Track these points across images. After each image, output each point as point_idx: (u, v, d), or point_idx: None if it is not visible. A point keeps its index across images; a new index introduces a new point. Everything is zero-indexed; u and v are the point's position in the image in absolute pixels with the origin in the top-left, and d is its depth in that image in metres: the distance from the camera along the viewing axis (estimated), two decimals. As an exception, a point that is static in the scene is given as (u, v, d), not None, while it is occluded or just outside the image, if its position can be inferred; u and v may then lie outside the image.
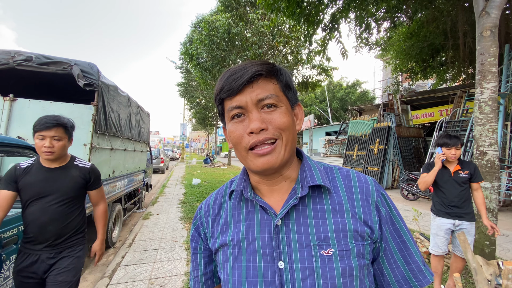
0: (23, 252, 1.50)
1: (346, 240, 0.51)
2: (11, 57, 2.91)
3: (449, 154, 2.35)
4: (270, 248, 0.52)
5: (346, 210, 0.53)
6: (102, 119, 3.21)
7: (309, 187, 0.54)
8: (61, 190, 1.56)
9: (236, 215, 0.58)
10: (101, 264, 3.51)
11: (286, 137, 0.51)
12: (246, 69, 0.51)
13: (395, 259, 0.55)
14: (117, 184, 4.14)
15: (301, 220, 0.52)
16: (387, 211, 0.55)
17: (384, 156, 9.66)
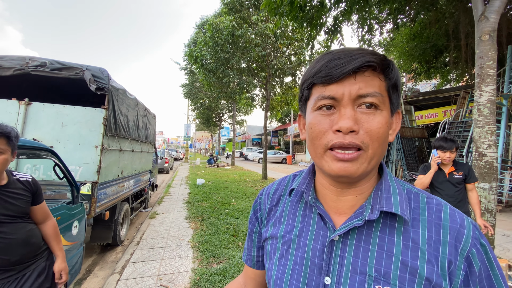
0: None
1: (412, 285, 0.42)
2: (26, 63, 3.05)
3: (443, 157, 2.43)
4: (320, 260, 0.49)
5: (421, 251, 0.44)
6: (112, 122, 3.35)
7: (381, 212, 0.46)
8: (15, 211, 1.33)
9: (292, 213, 0.56)
10: (110, 261, 3.65)
11: (374, 149, 0.44)
12: (354, 56, 0.43)
13: None
14: (125, 184, 4.28)
15: (362, 244, 0.46)
16: (484, 269, 0.44)
17: (387, 156, 9.68)
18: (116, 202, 3.86)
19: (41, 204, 1.49)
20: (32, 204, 1.43)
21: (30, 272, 1.36)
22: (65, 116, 3.05)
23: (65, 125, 3.04)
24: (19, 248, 1.31)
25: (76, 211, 2.43)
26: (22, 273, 1.33)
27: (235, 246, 3.69)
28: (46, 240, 1.49)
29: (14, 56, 3.08)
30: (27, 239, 1.36)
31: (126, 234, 4.47)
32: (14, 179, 1.39)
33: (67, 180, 2.33)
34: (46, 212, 1.53)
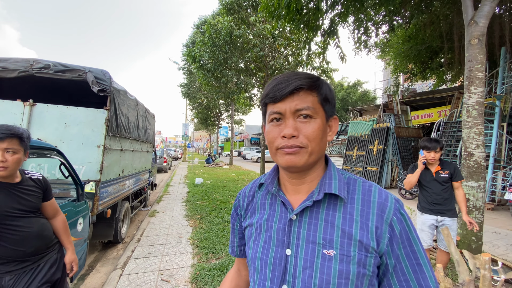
0: (15, 272, 1.35)
1: (350, 247, 0.56)
2: (30, 65, 3.14)
3: (428, 156, 2.56)
4: (282, 236, 0.61)
5: (355, 221, 0.57)
6: (113, 122, 3.44)
7: (325, 194, 0.60)
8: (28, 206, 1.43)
9: (263, 204, 0.69)
10: (112, 258, 3.75)
11: (312, 147, 0.58)
12: (291, 81, 0.57)
13: (407, 279, 0.55)
14: (125, 183, 4.37)
15: (313, 220, 0.60)
16: (404, 231, 0.56)
17: (383, 156, 9.83)
18: (117, 200, 3.95)
19: (51, 200, 1.60)
20: (43, 200, 1.54)
21: (43, 263, 1.46)
22: (68, 117, 3.14)
23: (68, 126, 3.13)
24: (33, 240, 1.42)
25: (81, 209, 2.53)
26: (36, 264, 1.43)
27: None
28: (57, 233, 1.60)
29: (18, 58, 3.16)
30: (40, 232, 1.46)
31: (126, 232, 4.56)
32: (26, 177, 1.49)
33: (72, 178, 2.43)
34: (56, 208, 1.63)
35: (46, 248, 1.49)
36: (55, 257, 1.54)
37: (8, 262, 1.35)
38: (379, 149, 10.00)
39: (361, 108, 16.47)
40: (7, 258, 1.35)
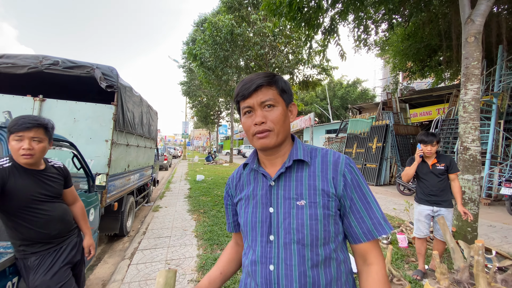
0: (41, 253, 1.45)
1: (315, 196, 0.73)
2: (39, 61, 3.22)
3: (425, 150, 2.66)
4: (265, 199, 0.77)
5: (317, 176, 0.75)
6: (120, 118, 3.53)
7: (294, 160, 0.77)
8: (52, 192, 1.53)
9: (248, 180, 0.85)
10: (118, 250, 3.85)
11: (278, 129, 0.74)
12: (254, 81, 0.73)
13: (361, 215, 0.72)
14: (131, 177, 4.47)
15: (287, 182, 0.76)
16: (354, 179, 0.74)
17: (382, 153, 9.95)
18: (123, 194, 4.05)
19: (71, 188, 1.71)
20: (64, 187, 1.64)
21: (65, 246, 1.56)
22: (77, 112, 3.23)
23: (77, 121, 3.22)
24: (57, 223, 1.52)
25: (92, 200, 2.63)
26: (59, 246, 1.53)
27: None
28: (76, 219, 1.70)
29: (28, 55, 3.24)
30: (63, 216, 1.56)
31: (131, 226, 4.66)
32: (49, 165, 1.59)
33: (84, 170, 2.53)
34: (75, 195, 1.74)
35: (67, 231, 1.59)
36: (75, 241, 1.64)
37: (34, 244, 1.45)
38: (378, 146, 10.12)
39: (360, 106, 16.57)
40: (33, 240, 1.45)
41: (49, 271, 1.44)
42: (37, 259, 1.45)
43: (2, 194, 1.32)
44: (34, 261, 1.44)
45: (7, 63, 3.16)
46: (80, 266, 1.67)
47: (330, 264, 0.72)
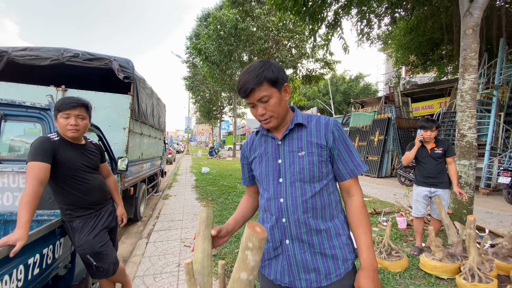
0: (84, 217, 1.66)
1: (312, 148, 0.97)
2: (61, 54, 3.43)
3: (425, 135, 2.86)
4: (275, 154, 1.01)
5: (313, 134, 0.99)
6: (136, 107, 3.75)
7: (295, 124, 1.01)
8: (92, 164, 1.75)
9: (259, 143, 1.08)
10: (134, 232, 4.10)
11: (277, 113, 0.96)
12: (246, 85, 0.91)
13: (346, 160, 0.97)
14: (144, 166, 4.71)
15: (290, 141, 1.00)
16: (340, 134, 0.98)
17: (383, 146, 10.12)
18: (137, 181, 4.29)
19: (105, 163, 1.94)
20: (100, 162, 1.86)
21: (103, 213, 1.79)
22: (96, 102, 3.43)
23: (96, 110, 3.42)
24: (97, 192, 1.74)
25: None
26: (98, 212, 1.76)
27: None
28: (110, 191, 1.93)
29: (50, 47, 3.45)
30: (101, 186, 1.79)
31: (144, 212, 4.92)
32: (88, 141, 1.82)
33: (108, 153, 2.75)
34: (109, 170, 1.97)
35: (104, 200, 1.82)
36: (110, 209, 1.87)
37: (78, 209, 1.68)
38: (380, 139, 10.29)
39: (362, 100, 16.67)
40: (77, 205, 1.68)
41: (91, 232, 1.68)
42: (81, 222, 1.68)
43: (54, 163, 1.54)
44: (78, 224, 1.67)
45: (31, 55, 3.37)
46: (115, 232, 1.90)
47: (323, 194, 0.97)
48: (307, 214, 0.94)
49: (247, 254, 0.65)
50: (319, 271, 0.93)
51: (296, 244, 0.95)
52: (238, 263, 0.67)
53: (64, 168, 1.60)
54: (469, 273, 2.20)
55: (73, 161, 1.63)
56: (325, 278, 0.93)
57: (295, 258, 0.95)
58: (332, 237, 0.95)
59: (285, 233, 0.96)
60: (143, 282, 2.39)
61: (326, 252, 0.94)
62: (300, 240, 0.94)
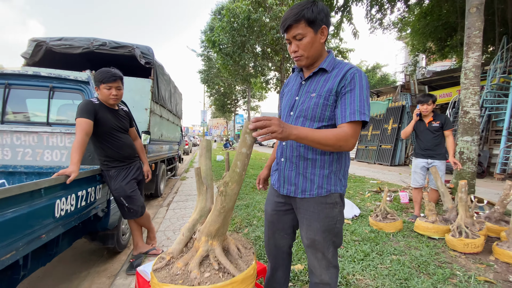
0: (118, 168, 2.03)
1: (322, 91, 1.08)
2: (91, 43, 3.86)
3: (422, 108, 3.02)
4: (295, 92, 1.18)
5: (330, 79, 1.08)
6: (155, 91, 4.14)
7: (319, 68, 1.11)
8: (124, 126, 2.13)
9: (291, 80, 1.28)
10: (154, 205, 4.55)
11: (307, 54, 1.07)
12: (285, 22, 1.03)
13: (345, 105, 1.02)
14: (163, 147, 5.14)
15: (311, 83, 1.14)
16: (353, 81, 1.03)
17: (397, 134, 10.05)
18: (157, 159, 4.71)
19: (133, 128, 2.31)
20: (129, 126, 2.23)
21: (132, 166, 2.16)
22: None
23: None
24: (127, 148, 2.11)
25: (139, 152, 3.25)
26: (129, 165, 2.13)
27: (255, 193, 4.47)
28: (137, 151, 2.30)
29: (82, 37, 3.89)
30: (131, 144, 2.16)
31: (163, 190, 5.37)
32: (120, 108, 2.19)
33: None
34: (136, 134, 2.35)
35: (133, 156, 2.19)
36: (138, 165, 2.24)
37: (113, 161, 2.06)
38: (393, 127, 10.21)
39: (378, 90, 16.37)
40: (112, 157, 2.05)
41: (124, 180, 2.05)
42: (115, 172, 2.06)
43: (95, 121, 1.91)
44: (113, 173, 2.05)
45: (66, 44, 3.82)
46: (141, 184, 2.28)
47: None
48: (300, 143, 1.12)
49: (246, 137, 0.94)
50: (297, 186, 1.20)
51: (288, 163, 1.20)
52: (240, 143, 0.97)
53: (102, 126, 1.97)
54: (457, 230, 2.39)
55: (109, 121, 2.00)
56: (301, 193, 1.19)
57: (284, 173, 1.23)
58: (316, 167, 1.15)
59: (283, 153, 1.23)
60: (165, 234, 2.79)
61: (307, 176, 1.16)
62: (290, 161, 1.19)
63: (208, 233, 1.05)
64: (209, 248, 1.05)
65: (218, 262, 1.03)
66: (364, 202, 4.00)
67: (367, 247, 2.30)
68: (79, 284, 2.15)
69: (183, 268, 1.01)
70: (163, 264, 1.06)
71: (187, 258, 1.04)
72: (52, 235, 1.47)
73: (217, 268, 1.01)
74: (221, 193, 0.99)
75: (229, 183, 0.98)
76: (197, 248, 1.06)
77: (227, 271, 1.01)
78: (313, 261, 1.20)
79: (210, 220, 1.04)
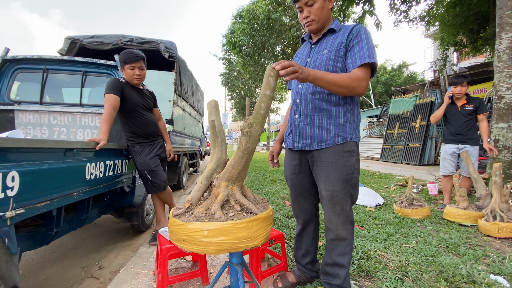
0: (142, 144, 2.14)
1: (333, 46, 1.18)
2: (119, 39, 4.12)
3: (455, 91, 2.84)
4: (306, 55, 1.29)
5: (339, 36, 1.19)
6: (178, 83, 4.31)
7: (328, 29, 1.23)
8: (148, 105, 2.23)
9: (299, 51, 1.39)
10: (178, 196, 4.70)
11: (318, 18, 1.19)
12: None
13: (354, 53, 1.13)
14: (185, 140, 5.31)
15: (321, 44, 1.24)
16: (359, 34, 1.14)
17: (426, 131, 9.52)
18: (180, 151, 4.88)
19: (157, 108, 2.43)
20: (153, 105, 2.34)
21: (156, 144, 2.27)
22: (147, 78, 3.98)
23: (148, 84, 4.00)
24: (152, 126, 2.23)
25: (162, 138, 3.39)
26: (152, 142, 2.24)
27: (273, 185, 4.46)
28: (162, 130, 2.42)
29: (111, 35, 4.17)
30: (154, 123, 2.27)
31: (186, 182, 5.53)
32: (145, 88, 2.33)
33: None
34: (159, 114, 2.46)
35: (157, 134, 2.30)
36: (161, 143, 2.35)
37: (138, 137, 2.18)
38: (422, 124, 9.70)
39: (404, 88, 15.66)
40: (137, 133, 2.17)
41: (148, 155, 2.16)
42: (140, 147, 2.17)
43: (121, 98, 2.04)
44: (138, 148, 2.17)
45: (97, 41, 4.12)
46: (164, 162, 2.38)
47: None
48: (314, 96, 1.21)
49: (269, 79, 0.98)
50: (313, 139, 1.21)
51: (302, 118, 1.24)
52: (264, 85, 0.99)
53: (128, 103, 2.09)
54: (491, 214, 2.21)
55: (134, 98, 2.12)
56: (317, 144, 1.21)
57: (298, 128, 1.25)
58: (331, 116, 1.19)
59: (297, 110, 1.27)
60: (185, 215, 2.87)
61: (322, 126, 1.20)
62: (305, 115, 1.23)
63: (229, 178, 1.07)
64: (229, 193, 1.07)
65: (239, 204, 1.05)
66: (389, 194, 3.84)
67: (391, 229, 2.21)
68: (106, 255, 2.28)
69: (205, 212, 1.02)
70: (183, 210, 1.10)
71: (208, 204, 1.05)
72: (82, 196, 1.59)
73: (239, 209, 1.03)
74: (246, 133, 1.02)
75: (253, 124, 1.01)
76: (216, 194, 1.08)
77: (250, 211, 1.03)
78: (330, 215, 1.19)
79: (232, 163, 1.07)
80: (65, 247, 2.43)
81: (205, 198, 1.14)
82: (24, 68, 2.40)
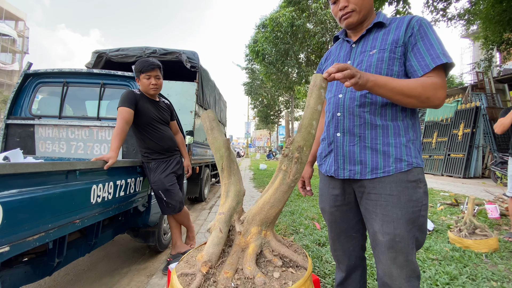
0: (158, 160, 1.96)
1: (385, 45, 0.90)
2: (143, 51, 4.12)
3: None
4: (345, 57, 1.00)
5: (391, 32, 0.91)
6: (200, 94, 4.19)
7: (374, 24, 0.95)
8: (164, 118, 2.05)
9: (335, 50, 1.10)
10: (198, 209, 4.51)
11: (359, 7, 0.92)
12: None
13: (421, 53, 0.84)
14: (207, 151, 5.16)
15: (364, 42, 0.96)
16: (422, 28, 0.86)
17: (471, 140, 8.54)
18: (201, 163, 4.73)
19: (175, 121, 2.24)
20: (170, 119, 2.16)
21: (172, 160, 2.07)
22: (169, 89, 3.99)
23: (170, 96, 3.96)
24: (168, 140, 2.04)
25: (183, 151, 3.24)
26: (168, 158, 2.05)
27: (300, 201, 4.10)
28: (178, 145, 2.21)
29: (135, 47, 4.19)
30: (171, 137, 2.09)
31: (207, 195, 5.35)
32: (161, 100, 2.15)
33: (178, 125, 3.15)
34: (177, 128, 2.28)
35: (173, 149, 2.11)
36: (178, 159, 2.15)
37: (153, 152, 1.99)
38: (465, 132, 8.72)
39: (440, 93, 14.49)
40: (152, 149, 1.99)
41: (163, 173, 1.96)
42: (155, 164, 1.98)
43: (136, 111, 1.88)
44: (153, 165, 1.98)
45: (122, 54, 4.15)
46: (181, 179, 2.18)
47: None
48: (363, 108, 0.91)
49: (321, 91, 0.82)
50: (365, 164, 0.90)
51: (346, 137, 0.94)
52: (315, 99, 0.81)
53: (143, 117, 1.93)
54: None
55: (149, 111, 1.95)
56: (370, 172, 0.89)
57: (343, 150, 0.95)
58: (389, 135, 0.89)
59: (338, 126, 0.97)
60: (205, 236, 2.63)
61: (378, 148, 0.89)
62: (351, 133, 0.93)
63: (263, 221, 0.80)
64: (263, 241, 0.80)
65: (279, 256, 0.78)
66: (437, 215, 3.30)
67: (453, 268, 1.77)
68: (119, 280, 2.09)
69: (237, 277, 0.72)
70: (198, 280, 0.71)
71: (234, 262, 0.76)
72: (87, 222, 1.40)
73: (281, 264, 0.75)
74: (297, 160, 0.77)
75: (303, 148, 0.77)
76: (243, 244, 0.80)
77: (295, 264, 0.76)
78: (390, 268, 0.85)
79: (271, 200, 0.80)
80: (80, 268, 2.30)
81: (226, 253, 0.83)
82: (45, 82, 2.36)
